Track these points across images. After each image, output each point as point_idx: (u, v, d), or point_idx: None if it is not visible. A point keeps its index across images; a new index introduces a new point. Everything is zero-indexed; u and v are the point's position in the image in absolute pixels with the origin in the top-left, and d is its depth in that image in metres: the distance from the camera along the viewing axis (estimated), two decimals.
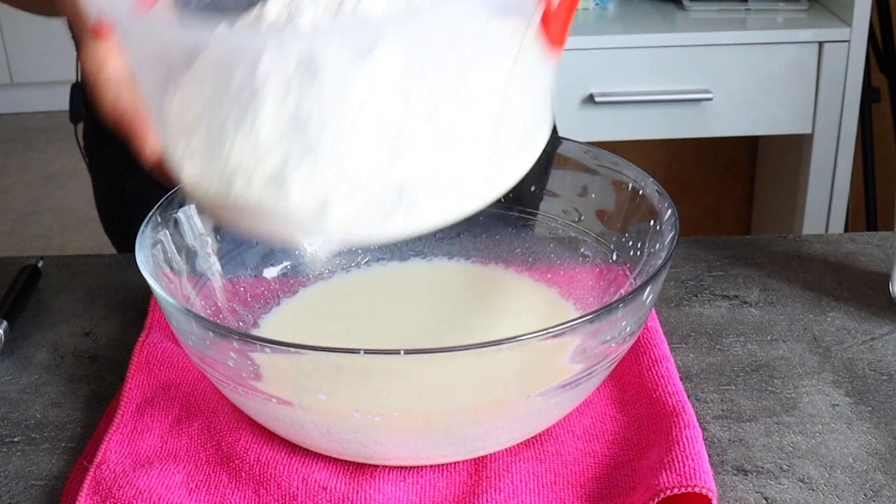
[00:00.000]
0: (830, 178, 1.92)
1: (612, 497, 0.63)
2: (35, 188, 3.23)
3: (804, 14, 1.87)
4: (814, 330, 0.81)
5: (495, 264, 0.84)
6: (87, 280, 0.91)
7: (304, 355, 0.64)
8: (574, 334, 0.63)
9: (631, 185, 0.77)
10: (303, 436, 0.66)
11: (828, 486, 0.65)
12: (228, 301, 0.78)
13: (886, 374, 0.75)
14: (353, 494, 0.64)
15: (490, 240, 0.84)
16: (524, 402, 0.64)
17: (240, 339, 0.62)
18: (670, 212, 0.72)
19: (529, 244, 0.83)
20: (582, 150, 0.80)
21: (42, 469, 0.68)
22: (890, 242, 0.92)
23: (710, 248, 0.93)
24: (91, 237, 2.92)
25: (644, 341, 0.75)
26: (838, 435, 0.69)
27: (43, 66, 3.56)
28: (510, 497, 0.63)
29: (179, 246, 0.75)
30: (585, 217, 0.81)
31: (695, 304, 0.85)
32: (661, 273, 0.66)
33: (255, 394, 0.64)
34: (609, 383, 0.73)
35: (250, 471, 0.66)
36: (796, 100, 1.84)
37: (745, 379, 0.75)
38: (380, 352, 0.61)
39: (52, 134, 3.56)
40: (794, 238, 0.94)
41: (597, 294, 0.78)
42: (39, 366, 0.79)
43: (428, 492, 0.64)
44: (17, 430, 0.72)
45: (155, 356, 0.76)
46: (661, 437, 0.65)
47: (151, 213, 0.73)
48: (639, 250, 0.76)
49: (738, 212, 2.40)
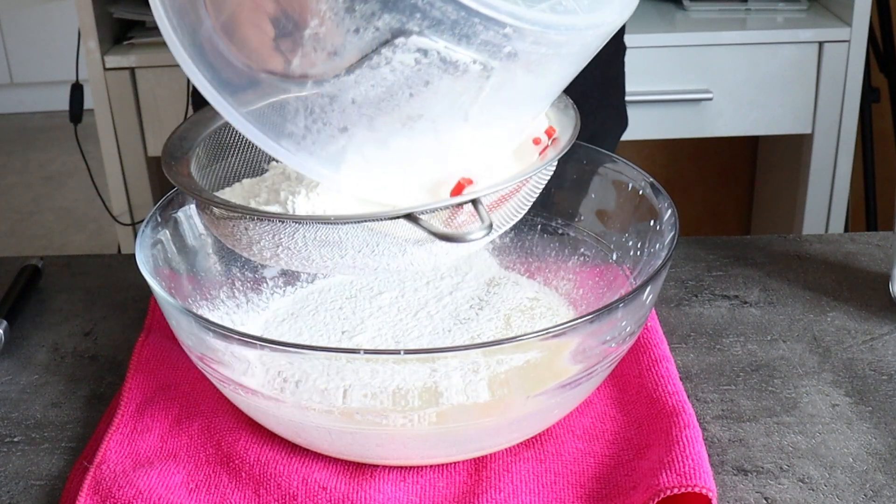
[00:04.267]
0: (830, 178, 1.92)
1: (612, 497, 0.63)
2: (35, 188, 3.22)
3: (804, 14, 1.87)
4: (814, 330, 0.81)
5: (496, 265, 0.84)
6: (87, 280, 0.91)
7: (304, 355, 0.64)
8: (574, 334, 0.63)
9: (631, 185, 0.77)
10: (303, 436, 0.66)
11: (828, 486, 0.65)
12: (228, 301, 0.79)
13: (886, 374, 0.75)
14: (353, 494, 0.64)
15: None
16: (524, 402, 0.64)
17: (240, 339, 0.62)
18: (670, 212, 0.72)
19: (529, 244, 0.83)
20: (582, 150, 0.80)
21: (42, 469, 0.68)
22: (890, 242, 0.92)
23: (710, 248, 0.93)
24: (91, 237, 2.92)
25: (644, 341, 0.75)
26: (838, 435, 0.69)
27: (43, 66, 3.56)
28: (510, 497, 0.63)
29: (179, 246, 0.75)
30: (585, 217, 0.81)
31: (695, 304, 0.85)
32: (661, 273, 0.66)
33: (254, 394, 0.64)
34: (609, 383, 0.73)
35: (250, 471, 0.66)
36: (796, 100, 1.84)
37: (745, 379, 0.75)
38: (380, 352, 0.61)
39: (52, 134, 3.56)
40: (794, 238, 0.94)
41: (597, 294, 0.78)
42: (39, 366, 0.79)
43: (428, 492, 0.64)
44: (17, 430, 0.72)
45: (155, 356, 0.76)
46: (661, 437, 0.65)
47: (151, 213, 0.73)
48: (639, 250, 0.75)
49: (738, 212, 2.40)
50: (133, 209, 1.88)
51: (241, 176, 0.71)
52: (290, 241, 0.60)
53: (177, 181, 0.64)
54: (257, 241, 0.61)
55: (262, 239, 0.60)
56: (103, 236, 2.90)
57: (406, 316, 0.77)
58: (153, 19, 0.60)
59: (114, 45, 1.81)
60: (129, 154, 1.84)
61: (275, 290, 0.81)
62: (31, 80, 3.64)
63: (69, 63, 1.92)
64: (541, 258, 0.83)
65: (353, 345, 0.74)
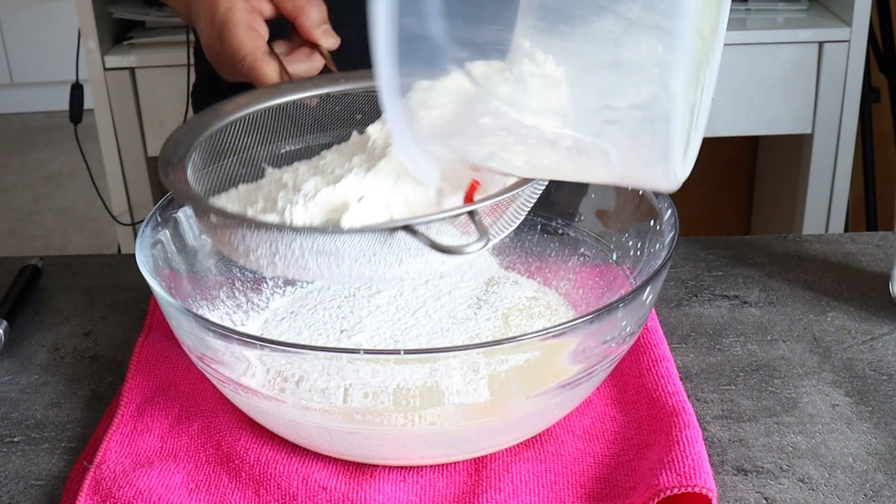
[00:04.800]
0: (830, 178, 1.92)
1: (612, 497, 0.63)
2: (35, 188, 3.22)
3: (804, 14, 1.87)
4: (814, 330, 0.81)
5: (495, 264, 0.84)
6: (87, 280, 0.91)
7: (304, 355, 0.64)
8: (574, 334, 0.63)
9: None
10: (303, 436, 0.66)
11: (828, 486, 0.65)
12: (228, 301, 0.79)
13: (886, 374, 0.75)
14: (353, 494, 0.64)
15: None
16: (524, 402, 0.64)
17: (240, 339, 0.62)
18: (670, 212, 0.72)
19: (529, 244, 0.83)
20: None
21: (42, 469, 0.68)
22: (890, 242, 0.92)
23: (710, 248, 0.93)
24: (91, 237, 2.92)
25: (644, 341, 0.75)
26: (838, 435, 0.69)
27: (43, 66, 3.56)
28: (510, 497, 0.63)
29: (179, 246, 0.75)
30: (585, 217, 0.81)
31: (695, 304, 0.85)
32: (661, 273, 0.66)
33: (254, 394, 0.64)
34: (609, 383, 0.73)
35: (250, 471, 0.66)
36: (796, 100, 1.84)
37: (745, 379, 0.75)
38: (380, 352, 0.61)
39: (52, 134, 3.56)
40: (794, 238, 0.94)
41: (597, 294, 0.78)
42: (39, 366, 0.79)
43: (428, 492, 0.64)
44: (17, 430, 0.72)
45: (155, 356, 0.76)
46: (661, 437, 0.65)
47: (151, 213, 0.73)
48: (639, 250, 0.75)
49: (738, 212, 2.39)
50: (133, 209, 1.88)
51: (238, 179, 0.71)
52: (287, 250, 0.60)
53: (174, 188, 0.64)
54: (254, 250, 0.61)
55: (259, 247, 0.60)
56: (103, 236, 2.90)
57: (405, 315, 0.77)
58: (153, 19, 0.60)
59: (114, 45, 1.81)
60: (129, 154, 1.84)
61: (275, 290, 0.81)
62: (31, 80, 3.64)
63: (69, 63, 1.92)
64: (541, 258, 0.83)
65: (352, 344, 0.74)
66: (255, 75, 0.74)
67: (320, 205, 0.61)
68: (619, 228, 0.78)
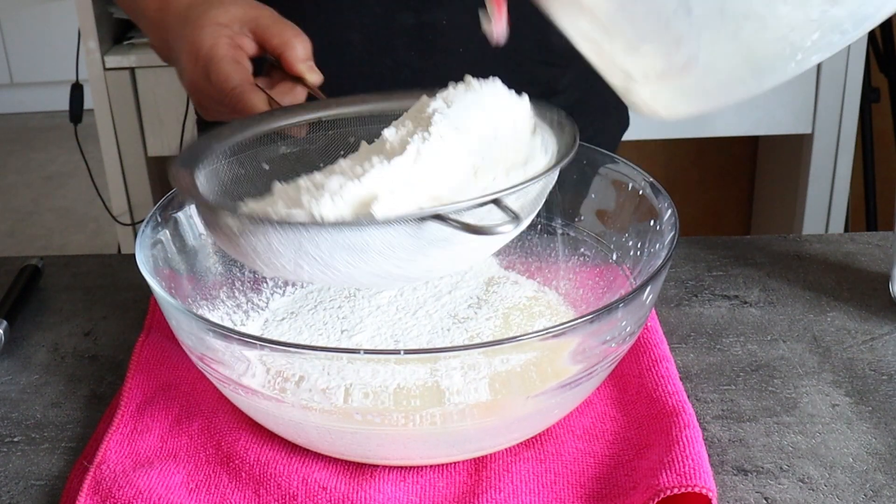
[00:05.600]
0: (830, 178, 1.92)
1: (612, 497, 0.63)
2: (35, 188, 3.23)
3: None
4: (814, 330, 0.81)
5: (495, 264, 0.84)
6: (87, 280, 0.91)
7: (305, 355, 0.64)
8: (574, 334, 0.63)
9: (631, 185, 0.77)
10: (303, 436, 0.66)
11: (828, 486, 0.65)
12: (228, 301, 0.79)
13: (886, 374, 0.75)
14: (353, 494, 0.64)
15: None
16: (524, 402, 0.64)
17: (240, 339, 0.62)
18: (670, 212, 0.72)
19: (529, 244, 0.83)
20: (582, 150, 0.80)
21: (42, 469, 0.68)
22: (890, 242, 0.92)
23: (710, 248, 0.93)
24: (91, 237, 2.92)
25: (644, 341, 0.75)
26: (838, 435, 0.69)
27: (43, 66, 3.56)
28: (510, 497, 0.63)
29: (179, 246, 0.75)
30: (585, 217, 0.81)
31: (695, 304, 0.85)
32: (661, 273, 0.66)
33: (254, 394, 0.64)
34: (609, 383, 0.73)
35: (250, 471, 0.66)
36: (796, 100, 1.84)
37: (745, 379, 0.75)
38: (380, 352, 0.61)
39: (52, 134, 3.56)
40: (794, 238, 0.94)
41: (597, 294, 0.78)
42: (39, 366, 0.79)
43: (428, 492, 0.64)
44: (17, 430, 0.72)
45: (155, 356, 0.76)
46: (661, 437, 0.65)
47: (151, 213, 0.73)
48: (639, 250, 0.75)
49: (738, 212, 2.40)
50: (133, 209, 1.89)
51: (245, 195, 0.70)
52: (315, 247, 0.59)
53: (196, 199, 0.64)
54: (280, 253, 0.60)
55: (285, 249, 0.60)
56: (103, 236, 2.90)
57: (405, 315, 0.77)
58: None
59: (114, 45, 1.82)
60: (129, 154, 1.84)
61: (275, 290, 0.81)
62: (31, 80, 3.64)
63: (69, 63, 1.92)
64: (541, 258, 0.83)
65: (352, 344, 0.74)
66: (243, 106, 0.73)
67: (348, 199, 0.60)
68: (619, 228, 0.78)
